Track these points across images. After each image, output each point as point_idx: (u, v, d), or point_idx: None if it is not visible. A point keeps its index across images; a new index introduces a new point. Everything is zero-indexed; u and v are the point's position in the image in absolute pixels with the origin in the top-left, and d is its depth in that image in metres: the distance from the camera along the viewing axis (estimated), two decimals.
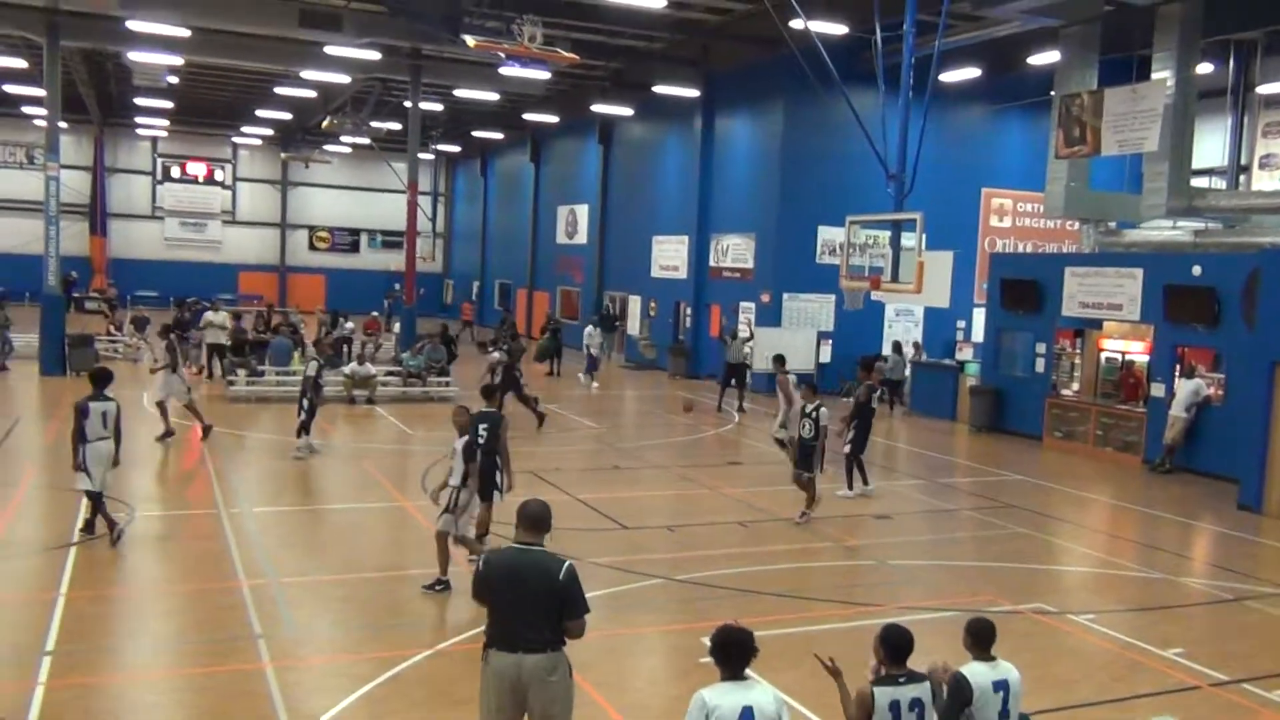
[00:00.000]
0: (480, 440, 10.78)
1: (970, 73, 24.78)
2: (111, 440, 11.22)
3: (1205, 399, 17.97)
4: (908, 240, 19.99)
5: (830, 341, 27.07)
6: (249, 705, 7.38)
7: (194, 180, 51.82)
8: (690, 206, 31.15)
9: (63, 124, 26.57)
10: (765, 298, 27.58)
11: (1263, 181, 25.71)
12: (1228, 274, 17.71)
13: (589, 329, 29.26)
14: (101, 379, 11.55)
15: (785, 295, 27.28)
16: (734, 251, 29.49)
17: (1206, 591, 11.40)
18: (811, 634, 9.29)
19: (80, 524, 11.58)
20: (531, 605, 5.53)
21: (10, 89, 37.40)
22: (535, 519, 5.78)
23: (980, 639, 5.99)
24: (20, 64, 32.12)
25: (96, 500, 11.20)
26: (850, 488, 15.21)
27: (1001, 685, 5.81)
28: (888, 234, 19.83)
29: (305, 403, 16.36)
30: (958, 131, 27.32)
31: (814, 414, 13.38)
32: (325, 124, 39.61)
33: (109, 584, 10.14)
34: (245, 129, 48.16)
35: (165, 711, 7.48)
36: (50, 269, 25.32)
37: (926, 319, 27.81)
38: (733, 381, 24.16)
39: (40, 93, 28.57)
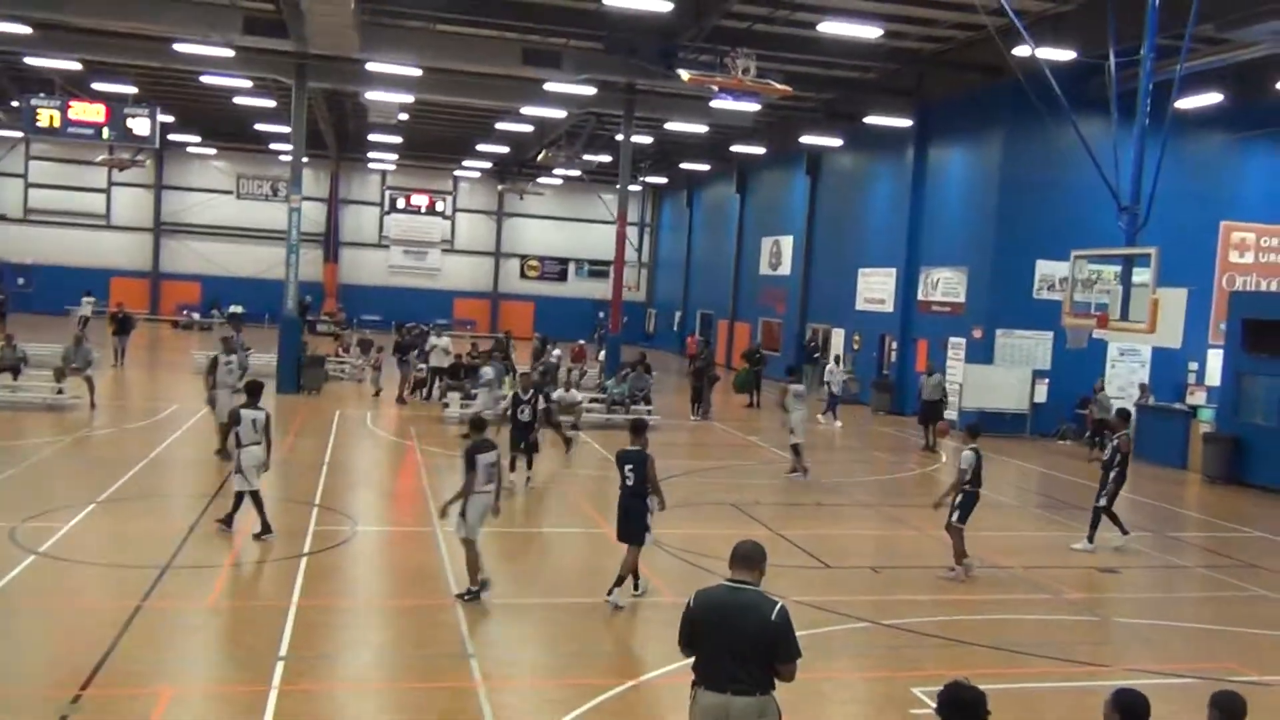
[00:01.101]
0: (628, 481, 10.45)
1: (1211, 98, 23.18)
2: (263, 445, 12.17)
3: None
4: (1138, 276, 18.86)
5: (1047, 381, 25.76)
6: None
7: (417, 211, 54.80)
8: (899, 238, 30.46)
9: (304, 159, 28.58)
10: (977, 333, 26.58)
11: None
12: None
13: (831, 365, 29.01)
14: (254, 391, 12.57)
15: (999, 331, 26.22)
16: (944, 285, 28.59)
17: None
18: (1029, 691, 8.81)
19: (223, 516, 12.49)
20: (742, 646, 5.42)
21: (260, 127, 40.72)
22: (748, 558, 5.68)
23: (1230, 714, 5.48)
24: (270, 104, 34.94)
25: (254, 499, 12.19)
26: (1091, 540, 14.32)
27: None
28: (1115, 270, 18.78)
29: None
30: (1195, 161, 25.59)
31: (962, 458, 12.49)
32: (540, 157, 41.09)
33: (334, 595, 10.71)
34: (466, 162, 50.61)
35: None
36: (289, 293, 27.26)
37: (1154, 360, 26.07)
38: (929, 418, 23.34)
39: (286, 129, 30.95)
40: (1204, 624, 11.38)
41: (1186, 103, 22.02)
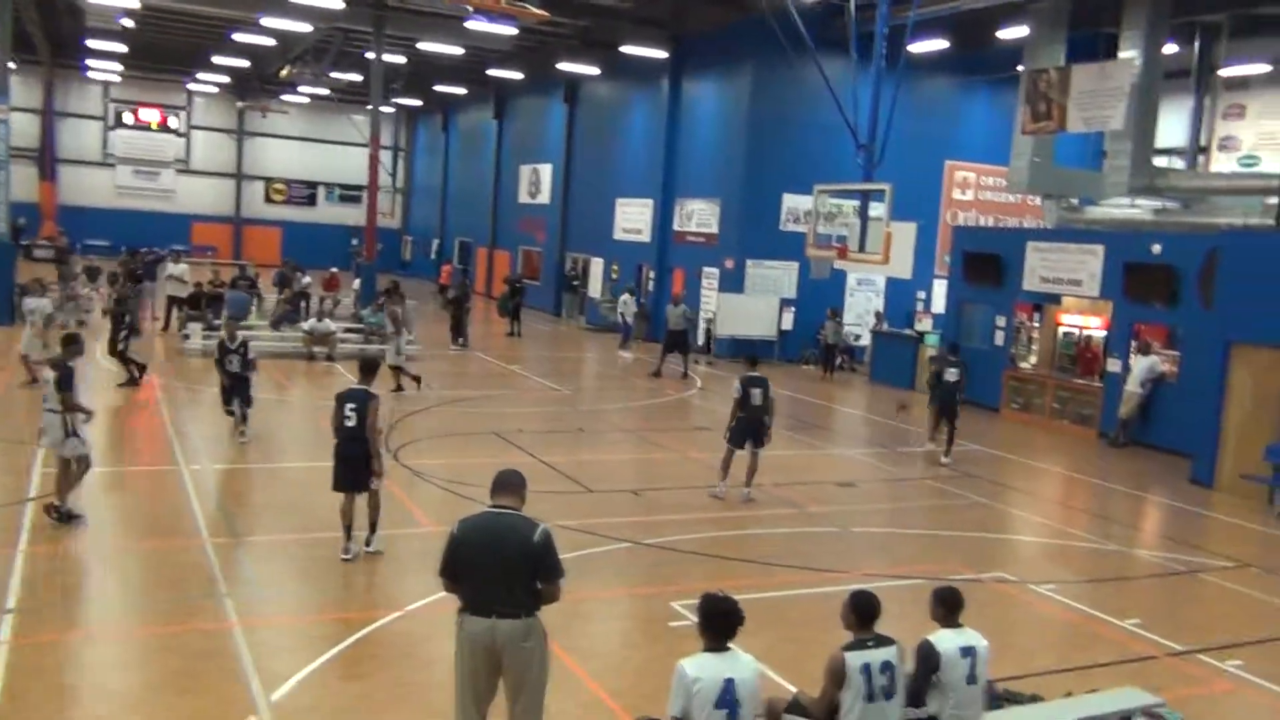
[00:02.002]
0: (348, 423, 9.63)
1: (939, 44, 24.77)
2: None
3: (1160, 376, 18.29)
4: (875, 210, 20.07)
5: (793, 309, 27.17)
6: (219, 664, 7.31)
7: (146, 127, 50.59)
8: (655, 169, 31.00)
9: (11, 64, 25.68)
10: (729, 264, 27.58)
11: (1221, 163, 26.08)
12: (1186, 254, 17.98)
13: (624, 297, 29.01)
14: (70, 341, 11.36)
15: (749, 261, 27.30)
16: (698, 216, 29.41)
17: (1161, 564, 11.66)
18: (778, 599, 9.39)
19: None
20: (506, 569, 5.48)
21: None
22: (508, 484, 5.73)
23: (949, 606, 6.10)
24: None
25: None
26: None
27: (969, 651, 5.94)
28: (854, 204, 19.90)
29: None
30: (924, 103, 27.32)
31: (759, 384, 12.98)
32: (284, 73, 38.79)
33: (70, 539, 9.95)
34: (201, 75, 46.93)
35: (134, 670, 7.40)
36: None
37: (888, 289, 27.98)
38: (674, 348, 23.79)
39: None
40: (930, 530, 12.49)
41: (917, 47, 23.38)
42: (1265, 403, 15.03)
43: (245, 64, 42.37)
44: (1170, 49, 22.36)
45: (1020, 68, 22.47)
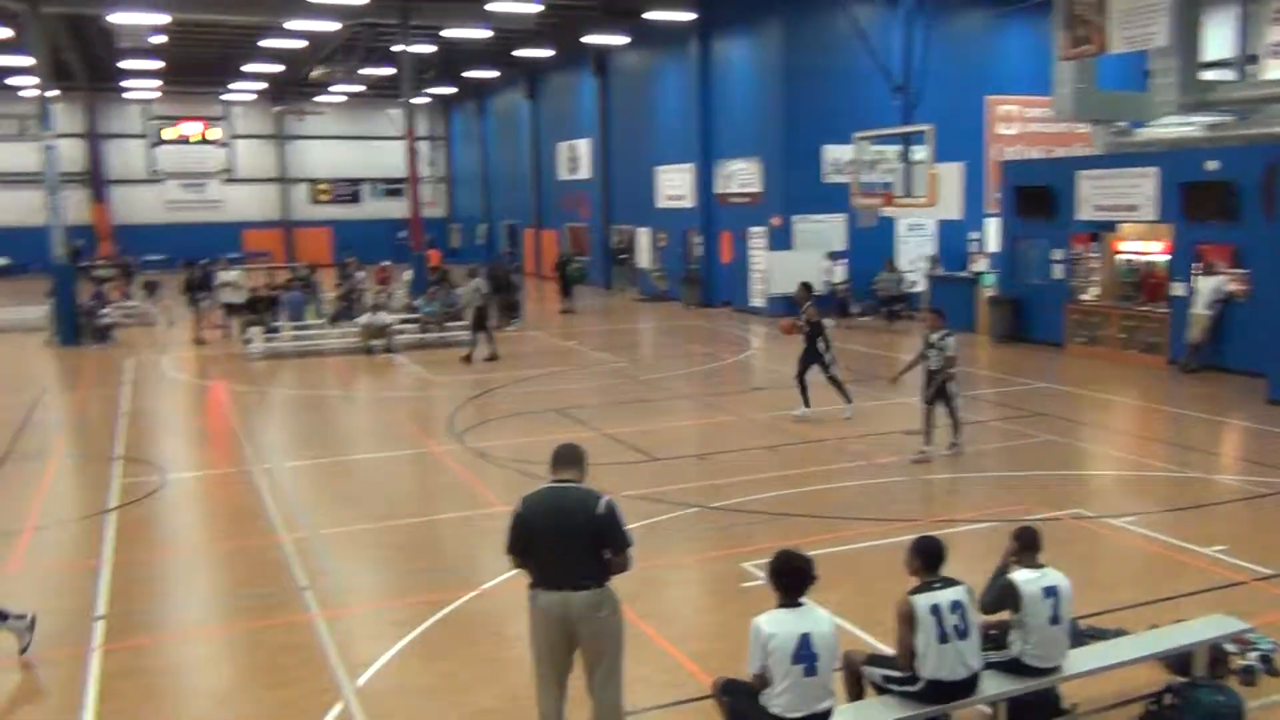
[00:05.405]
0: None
1: None
2: None
3: (1228, 296, 17.78)
4: (917, 154, 19.77)
5: (846, 261, 26.73)
6: (303, 656, 7.45)
7: (188, 140, 51.34)
8: (692, 134, 30.77)
9: (53, 92, 26.16)
10: (776, 221, 27.33)
11: (1273, 71, 25.15)
12: (1244, 167, 17.43)
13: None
14: None
15: (795, 217, 27.03)
16: (740, 176, 29.16)
17: (1242, 487, 11.38)
18: (851, 552, 9.33)
19: None
20: (573, 541, 5.48)
21: None
22: (568, 457, 5.72)
23: (1028, 546, 6.01)
24: (4, 33, 31.67)
25: None
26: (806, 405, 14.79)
27: (1051, 591, 5.84)
28: (896, 149, 19.66)
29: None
30: (958, 40, 26.71)
31: (940, 343, 12.33)
32: (316, 74, 39.06)
33: (152, 546, 10.21)
34: (235, 85, 47.48)
35: (222, 667, 7.57)
36: (56, 239, 25.20)
37: (940, 232, 27.53)
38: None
39: (28, 61, 28.17)
40: (1002, 471, 12.30)
41: None
42: None
43: (278, 69, 42.75)
44: None
45: None
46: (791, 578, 5.23)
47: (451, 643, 7.65)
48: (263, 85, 47.90)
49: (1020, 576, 5.88)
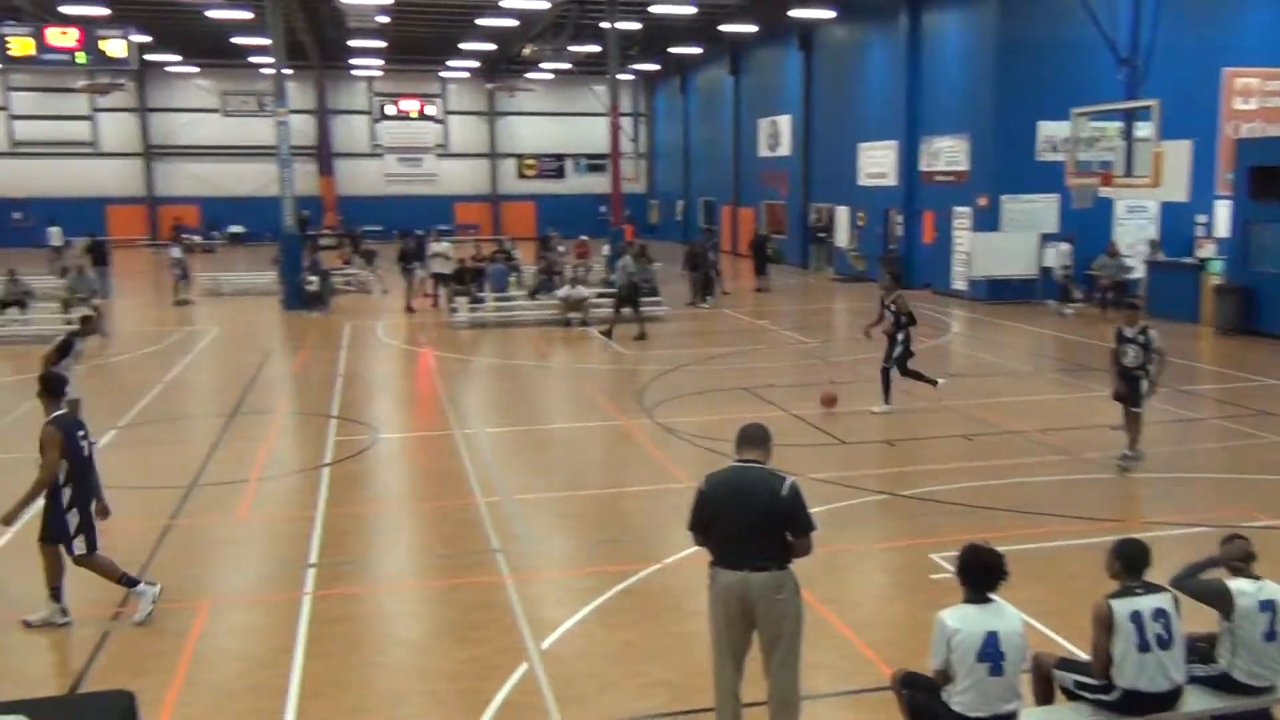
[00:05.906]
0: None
1: None
2: None
3: None
4: (1141, 130, 18.56)
5: (1070, 245, 25.19)
6: (493, 616, 7.78)
7: (407, 116, 53.93)
8: (898, 110, 29.92)
9: (287, 71, 27.99)
10: (982, 201, 26.29)
11: None
12: None
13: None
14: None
15: (1003, 197, 25.92)
16: (946, 154, 28.19)
17: None
18: (1047, 550, 8.95)
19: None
20: (755, 522, 5.46)
21: (238, 40, 39.79)
22: (753, 437, 5.70)
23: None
24: (245, 15, 34.06)
25: None
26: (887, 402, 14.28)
27: (1268, 605, 5.42)
28: (1117, 126, 18.52)
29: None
30: (1194, 7, 24.80)
31: (1139, 337, 11.29)
32: (526, 52, 40.13)
33: (360, 502, 10.88)
34: (452, 63, 49.53)
35: (418, 620, 8.00)
36: (287, 209, 27.01)
37: (1162, 215, 25.77)
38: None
39: (264, 41, 30.21)
40: (1220, 474, 11.50)
41: None
42: None
43: (491, 47, 44.25)
44: None
45: None
46: (980, 573, 5.08)
47: (633, 614, 7.82)
48: (476, 63, 49.73)
49: (1236, 585, 5.49)
